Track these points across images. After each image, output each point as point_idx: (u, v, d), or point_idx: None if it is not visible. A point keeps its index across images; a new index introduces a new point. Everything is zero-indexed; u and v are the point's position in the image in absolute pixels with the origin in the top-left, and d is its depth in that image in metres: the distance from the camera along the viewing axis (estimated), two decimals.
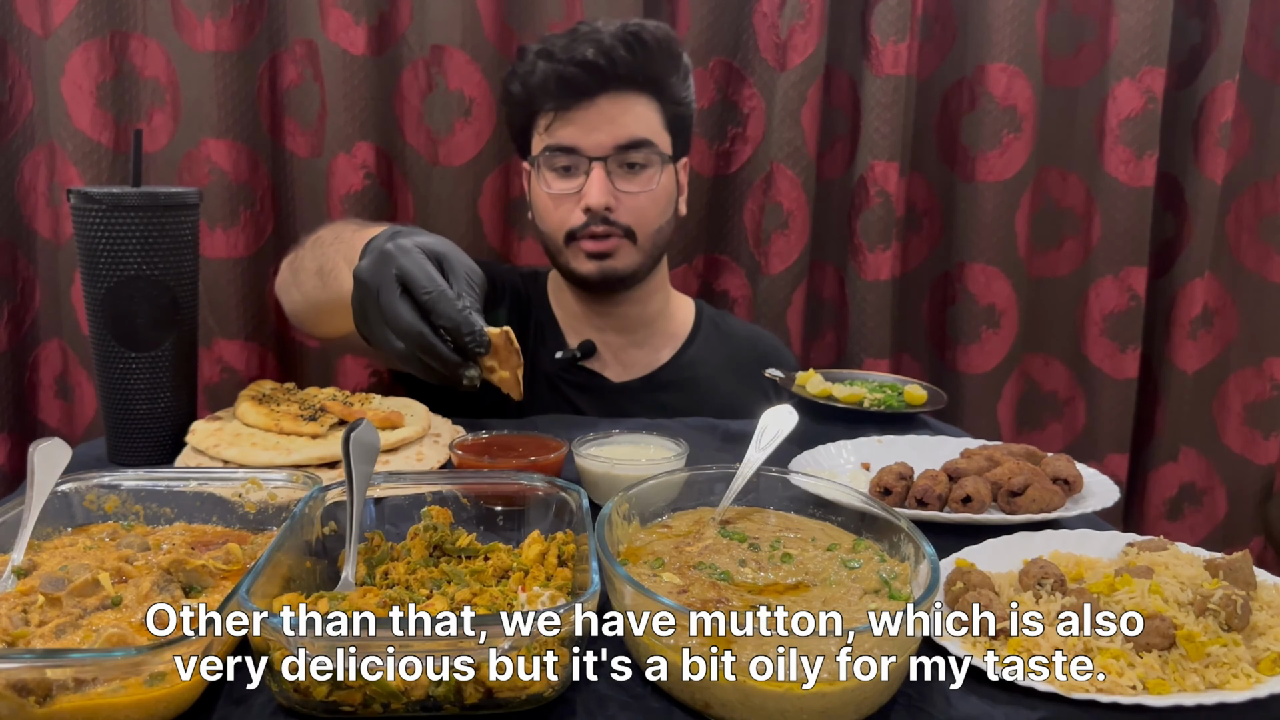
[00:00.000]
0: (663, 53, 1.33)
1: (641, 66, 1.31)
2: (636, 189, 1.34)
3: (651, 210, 1.36)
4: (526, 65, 1.34)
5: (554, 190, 1.35)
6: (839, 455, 1.11)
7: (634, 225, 1.35)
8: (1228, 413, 1.99)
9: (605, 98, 1.31)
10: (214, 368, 1.71)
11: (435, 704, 0.60)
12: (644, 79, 1.33)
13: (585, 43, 1.29)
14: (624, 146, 1.32)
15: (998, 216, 1.83)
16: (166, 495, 0.85)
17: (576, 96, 1.30)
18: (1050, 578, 0.73)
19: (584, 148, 1.31)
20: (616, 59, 1.29)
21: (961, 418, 1.87)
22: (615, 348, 1.46)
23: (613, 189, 1.32)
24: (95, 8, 1.57)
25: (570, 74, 1.29)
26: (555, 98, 1.31)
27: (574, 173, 1.33)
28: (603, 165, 1.31)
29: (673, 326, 1.51)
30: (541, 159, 1.35)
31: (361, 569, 0.74)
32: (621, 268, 1.36)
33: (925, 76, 1.83)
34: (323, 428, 1.02)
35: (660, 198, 1.37)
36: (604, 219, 1.32)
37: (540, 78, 1.32)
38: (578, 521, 0.77)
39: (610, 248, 1.34)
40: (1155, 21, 1.76)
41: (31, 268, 1.69)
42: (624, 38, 1.30)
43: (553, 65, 1.30)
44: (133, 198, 1.01)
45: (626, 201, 1.33)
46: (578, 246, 1.35)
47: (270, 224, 1.73)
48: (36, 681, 0.56)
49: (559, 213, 1.35)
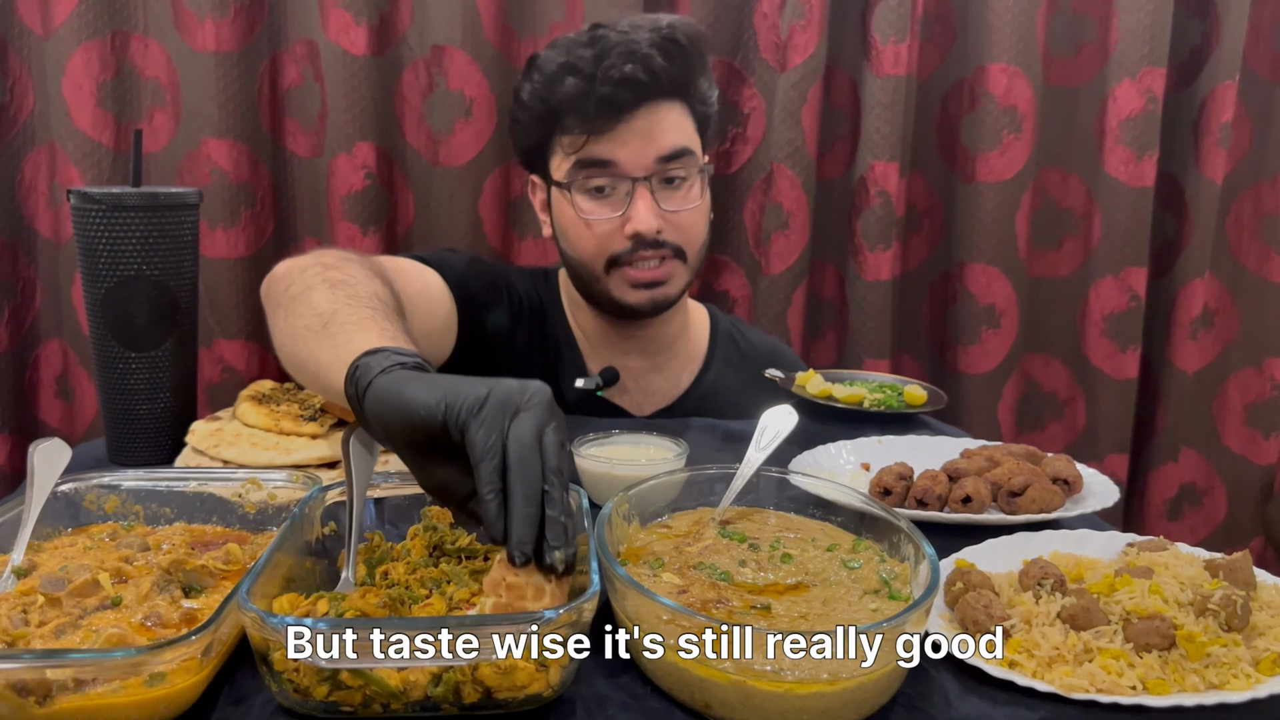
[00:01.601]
0: (696, 54, 1.21)
1: (679, 74, 1.19)
2: (683, 205, 1.22)
3: (698, 226, 1.26)
4: (547, 79, 1.19)
5: (590, 215, 1.21)
6: (839, 455, 1.10)
7: (684, 244, 1.24)
8: (1228, 413, 1.99)
9: (642, 110, 1.18)
10: (214, 368, 1.71)
11: (434, 704, 0.60)
12: (678, 86, 1.21)
13: (620, 55, 1.15)
14: (665, 158, 1.19)
15: (998, 217, 1.83)
16: (166, 495, 0.85)
17: (615, 114, 1.17)
18: (1050, 578, 0.73)
19: (622, 164, 1.18)
20: (657, 69, 1.16)
21: (961, 418, 1.87)
22: (635, 373, 1.35)
23: (659, 210, 1.20)
24: (96, 8, 1.58)
25: (605, 93, 1.15)
26: (589, 120, 1.17)
27: (610, 193, 1.20)
28: (647, 185, 1.19)
29: (690, 346, 1.41)
30: (572, 179, 1.21)
31: (361, 569, 0.74)
32: (674, 293, 1.26)
33: (925, 76, 1.83)
34: (323, 428, 1.02)
35: (704, 211, 1.27)
36: (655, 242, 1.21)
37: (569, 95, 1.17)
38: (577, 521, 0.77)
39: (664, 275, 1.23)
40: (1155, 21, 1.76)
41: (32, 268, 1.69)
42: (661, 45, 1.16)
43: (584, 83, 1.16)
44: (133, 198, 1.01)
45: (673, 220, 1.22)
46: (622, 274, 1.23)
47: (270, 224, 1.73)
48: (36, 681, 0.56)
49: (597, 238, 1.22)
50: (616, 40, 1.17)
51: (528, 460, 0.63)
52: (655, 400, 1.38)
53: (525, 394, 0.67)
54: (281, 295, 0.99)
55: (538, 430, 0.65)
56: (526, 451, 0.63)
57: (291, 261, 1.05)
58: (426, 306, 1.19)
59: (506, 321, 1.33)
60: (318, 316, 0.89)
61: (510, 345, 1.34)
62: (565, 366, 1.36)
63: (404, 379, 0.70)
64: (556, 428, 0.67)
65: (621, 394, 1.36)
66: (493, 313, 1.31)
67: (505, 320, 1.33)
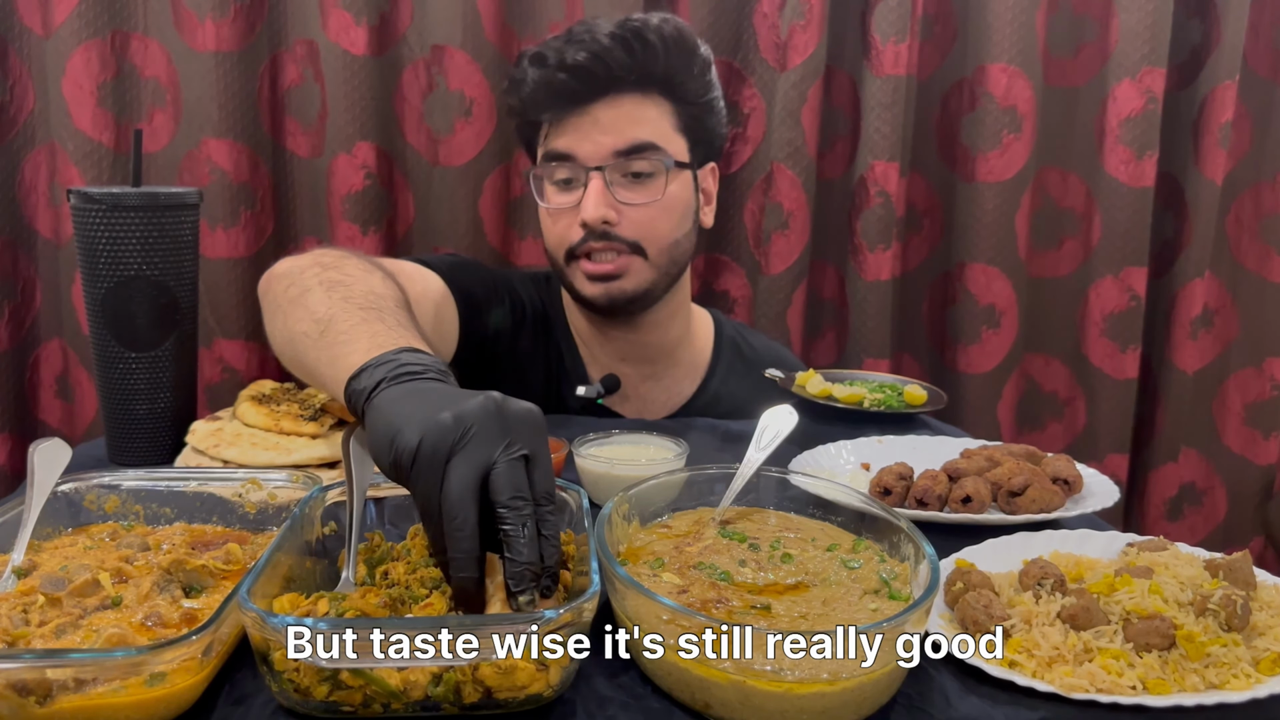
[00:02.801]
0: (672, 49, 1.21)
1: (644, 66, 1.20)
2: (641, 199, 1.21)
3: (662, 222, 1.24)
4: (520, 73, 1.24)
5: (552, 204, 1.25)
6: (839, 455, 1.10)
7: (641, 239, 1.23)
8: (1228, 413, 1.99)
9: (603, 103, 1.20)
10: (214, 368, 1.71)
11: (434, 704, 0.60)
12: (650, 79, 1.21)
13: (577, 46, 1.18)
14: (624, 152, 1.20)
15: (998, 216, 1.83)
16: (166, 495, 0.85)
17: (570, 104, 1.20)
18: (1050, 578, 0.73)
19: (579, 155, 1.21)
20: (612, 61, 1.18)
21: (961, 418, 1.87)
22: (633, 380, 1.35)
23: (613, 200, 1.21)
24: (96, 8, 1.57)
25: (559, 81, 1.19)
26: (548, 107, 1.21)
27: (574, 185, 1.22)
28: (601, 175, 1.20)
29: (692, 354, 1.40)
30: (542, 172, 1.25)
31: (361, 569, 0.74)
32: (631, 288, 1.24)
33: (925, 76, 1.83)
34: (323, 428, 1.02)
35: (672, 207, 1.24)
36: (604, 234, 1.21)
37: (532, 86, 1.21)
38: (577, 521, 0.77)
39: (615, 268, 1.23)
40: (1155, 21, 1.76)
41: (32, 268, 1.69)
42: (621, 37, 1.18)
43: (543, 72, 1.20)
44: (133, 198, 1.01)
45: (630, 214, 1.21)
46: (578, 266, 1.25)
47: (270, 224, 1.73)
48: (36, 681, 0.56)
49: (558, 228, 1.25)
50: (579, 33, 1.20)
51: (458, 518, 0.61)
52: (657, 409, 1.37)
53: (459, 430, 0.63)
54: (280, 297, 0.99)
55: (478, 471, 0.62)
56: (457, 508, 0.61)
57: (290, 261, 1.05)
58: (427, 309, 1.18)
59: (508, 325, 1.33)
60: (315, 323, 0.89)
61: (513, 350, 1.34)
62: (568, 371, 1.36)
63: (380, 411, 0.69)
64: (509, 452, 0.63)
65: (623, 402, 1.36)
66: (494, 316, 1.31)
67: (507, 323, 1.33)
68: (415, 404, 0.68)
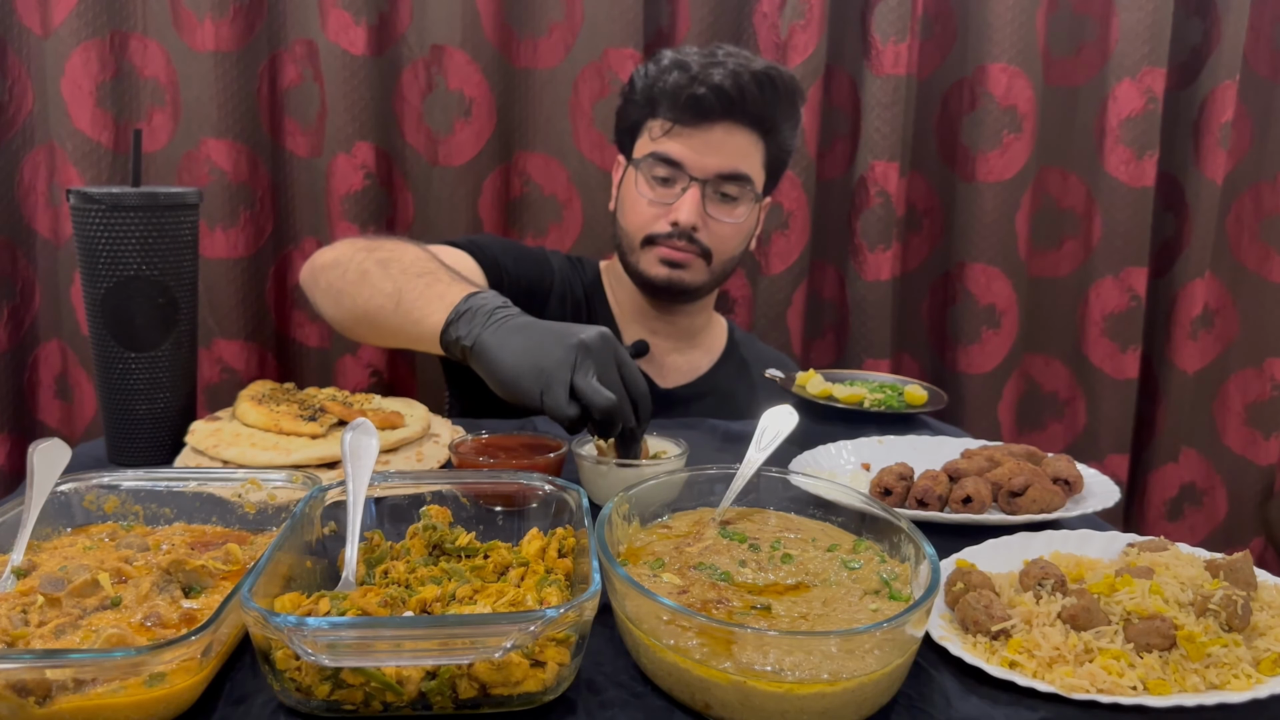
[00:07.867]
0: (785, 99, 1.36)
1: (764, 106, 1.34)
2: (726, 218, 1.37)
3: (733, 240, 1.40)
4: (657, 69, 1.36)
5: (647, 195, 1.37)
6: (839, 456, 1.10)
7: (714, 249, 1.38)
8: (1228, 413, 1.99)
9: (721, 126, 1.33)
10: (214, 368, 1.71)
11: (431, 700, 0.60)
12: (762, 120, 1.35)
13: (721, 70, 1.31)
14: (725, 176, 1.34)
15: (998, 216, 1.83)
16: (166, 495, 0.85)
17: (697, 118, 1.33)
18: (1050, 578, 0.73)
19: (688, 165, 1.34)
20: (748, 94, 1.31)
21: (962, 418, 1.87)
22: (661, 351, 1.50)
23: (704, 211, 1.35)
24: (95, 8, 1.57)
25: (701, 94, 1.31)
26: (678, 111, 1.33)
27: (671, 185, 1.36)
28: (700, 187, 1.34)
29: (711, 339, 1.56)
30: (643, 162, 1.37)
31: (361, 568, 0.74)
32: (690, 281, 1.39)
33: (925, 76, 1.83)
34: (322, 428, 1.02)
35: (744, 230, 1.41)
36: (686, 235, 1.35)
37: (670, 87, 1.33)
38: (577, 520, 0.77)
39: (685, 259, 1.38)
40: (1155, 21, 1.76)
41: (31, 268, 1.69)
42: (759, 75, 1.32)
43: (686, 79, 1.32)
44: (132, 198, 1.00)
45: (713, 226, 1.37)
46: (653, 251, 1.38)
47: (270, 224, 1.73)
48: (36, 682, 0.55)
49: (644, 216, 1.38)
50: (724, 57, 1.34)
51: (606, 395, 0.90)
52: (679, 377, 1.51)
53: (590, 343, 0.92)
54: (338, 281, 1.18)
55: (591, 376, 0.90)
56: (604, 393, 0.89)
57: (329, 252, 1.24)
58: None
59: (545, 295, 1.44)
60: (387, 296, 1.09)
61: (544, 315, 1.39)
62: None
63: (489, 349, 0.95)
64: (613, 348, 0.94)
65: (649, 363, 1.49)
66: (531, 288, 1.41)
67: (544, 293, 1.44)
68: (522, 339, 0.95)
